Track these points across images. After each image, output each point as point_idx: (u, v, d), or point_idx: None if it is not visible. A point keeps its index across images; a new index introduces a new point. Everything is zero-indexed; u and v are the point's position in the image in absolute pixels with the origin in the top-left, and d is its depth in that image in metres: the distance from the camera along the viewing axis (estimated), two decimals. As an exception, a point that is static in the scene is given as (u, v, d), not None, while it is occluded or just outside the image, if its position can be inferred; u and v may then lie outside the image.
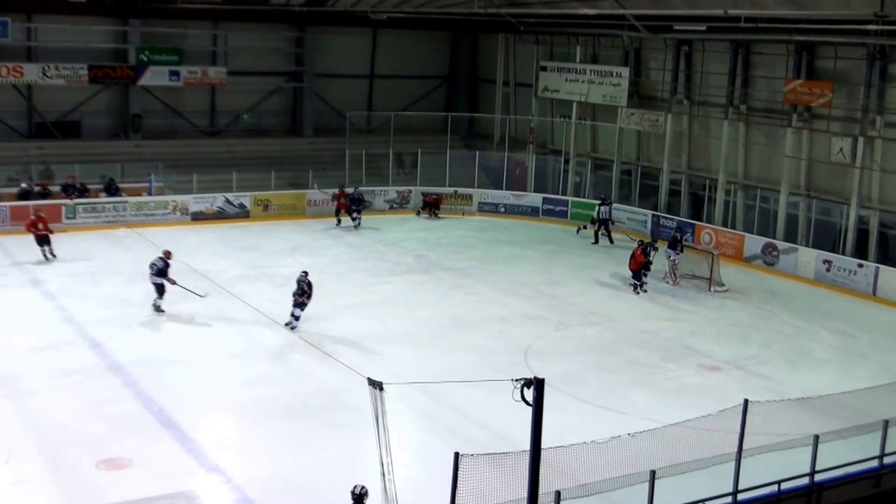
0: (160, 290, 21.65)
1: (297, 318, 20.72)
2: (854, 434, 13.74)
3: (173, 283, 21.67)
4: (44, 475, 13.82)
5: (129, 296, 23.01)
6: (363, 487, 11.61)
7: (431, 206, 34.24)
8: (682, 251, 26.38)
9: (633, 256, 25.28)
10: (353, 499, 11.55)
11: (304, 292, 20.70)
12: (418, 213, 34.29)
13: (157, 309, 21.73)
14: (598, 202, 31.60)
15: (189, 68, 35.04)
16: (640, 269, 25.10)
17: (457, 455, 10.64)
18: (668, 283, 25.97)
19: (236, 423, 16.12)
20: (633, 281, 25.27)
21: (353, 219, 31.62)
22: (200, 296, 22.13)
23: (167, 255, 22.06)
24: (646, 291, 25.05)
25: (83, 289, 23.50)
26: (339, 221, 31.86)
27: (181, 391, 17.19)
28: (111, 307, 22.06)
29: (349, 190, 32.33)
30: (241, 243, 29.03)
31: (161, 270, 21.64)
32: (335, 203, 32.11)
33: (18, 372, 17.74)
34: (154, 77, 34.53)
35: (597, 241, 30.85)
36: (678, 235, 26.99)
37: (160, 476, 13.83)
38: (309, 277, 20.87)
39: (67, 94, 34.26)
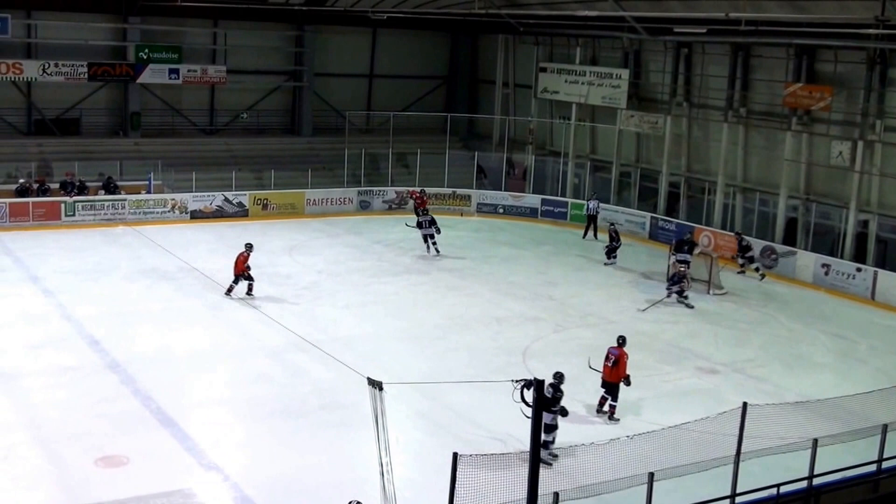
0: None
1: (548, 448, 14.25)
2: (852, 438, 13.72)
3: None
4: (42, 472, 13.79)
5: (127, 293, 23.03)
6: (358, 503, 11.17)
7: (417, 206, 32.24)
8: (691, 254, 26.33)
9: None
10: None
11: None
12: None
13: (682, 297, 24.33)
14: (588, 199, 32.69)
15: (188, 66, 35.04)
16: None
17: (455, 455, 10.62)
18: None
19: (234, 421, 16.09)
20: None
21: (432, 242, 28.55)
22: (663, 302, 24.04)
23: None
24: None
25: (81, 286, 23.49)
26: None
27: (179, 389, 17.17)
28: (109, 304, 22.04)
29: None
30: (239, 242, 28.95)
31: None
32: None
33: (17, 369, 17.72)
34: (153, 75, 34.53)
35: (586, 236, 31.63)
36: (688, 237, 27.11)
37: (158, 474, 13.81)
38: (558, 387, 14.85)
39: (67, 91, 34.25)
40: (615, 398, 16.70)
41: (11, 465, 13.94)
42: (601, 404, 16.89)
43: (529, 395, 10.23)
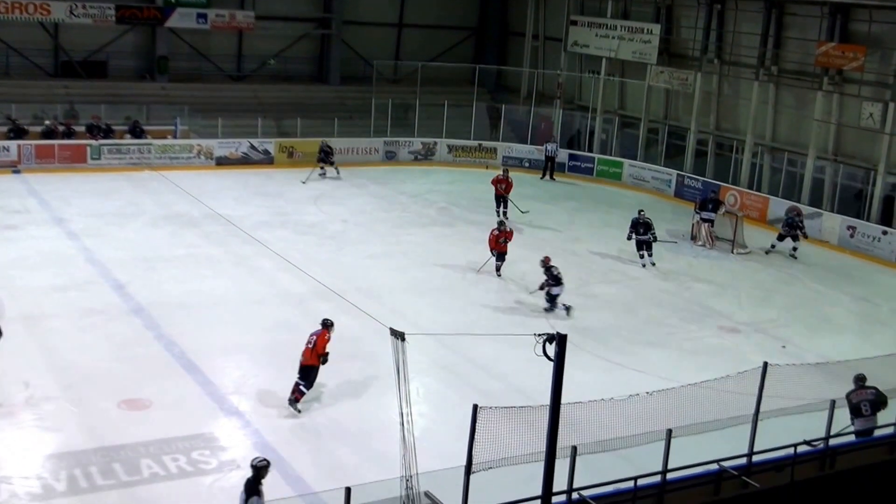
0: None
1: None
2: (872, 401, 13.67)
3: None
4: (65, 414, 14.03)
5: (152, 238, 23.19)
6: (263, 460, 10.59)
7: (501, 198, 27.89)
8: (716, 212, 26.12)
9: None
10: (252, 471, 10.45)
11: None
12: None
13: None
14: (547, 141, 34.21)
15: (217, 11, 34.88)
16: None
17: (475, 407, 10.67)
18: (706, 247, 25.69)
19: (256, 368, 16.27)
20: None
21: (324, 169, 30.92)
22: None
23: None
24: None
25: (106, 229, 23.66)
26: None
27: (202, 335, 17.35)
28: (134, 249, 22.22)
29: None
30: (264, 189, 29.09)
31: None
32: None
33: (41, 311, 17.96)
34: (181, 19, 34.39)
35: (543, 177, 33.30)
36: (713, 196, 26.86)
37: (179, 417, 14.02)
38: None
39: (94, 33, 34.18)
40: (310, 384, 14.66)
41: (35, 406, 14.17)
42: (294, 391, 14.61)
43: (551, 349, 10.21)
